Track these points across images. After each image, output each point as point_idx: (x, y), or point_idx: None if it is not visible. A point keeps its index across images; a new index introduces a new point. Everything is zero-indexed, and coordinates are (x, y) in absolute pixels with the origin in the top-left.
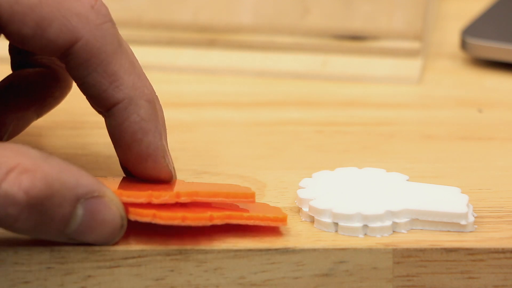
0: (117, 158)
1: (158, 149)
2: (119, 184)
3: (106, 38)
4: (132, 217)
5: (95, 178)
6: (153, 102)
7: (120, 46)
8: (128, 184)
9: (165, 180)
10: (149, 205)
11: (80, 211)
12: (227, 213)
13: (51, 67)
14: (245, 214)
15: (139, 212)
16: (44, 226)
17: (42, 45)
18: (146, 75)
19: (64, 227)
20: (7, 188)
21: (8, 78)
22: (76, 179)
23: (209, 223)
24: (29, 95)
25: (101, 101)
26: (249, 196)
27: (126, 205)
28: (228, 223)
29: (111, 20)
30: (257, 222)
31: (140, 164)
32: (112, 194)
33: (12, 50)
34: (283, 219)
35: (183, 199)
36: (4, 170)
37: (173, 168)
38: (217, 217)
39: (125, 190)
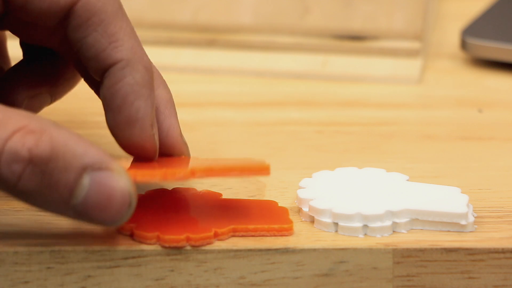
0: (117, 159)
1: (147, 115)
2: (132, 165)
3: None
4: (137, 239)
5: (106, 152)
6: (151, 71)
7: (121, 9)
8: (140, 164)
9: (149, 150)
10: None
11: (86, 181)
12: (232, 226)
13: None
14: (251, 226)
15: (143, 235)
16: (48, 190)
17: (44, 7)
18: None
19: (69, 196)
20: (11, 145)
21: (21, 60)
22: (84, 148)
23: (214, 241)
24: (41, 74)
25: (98, 62)
26: (264, 169)
27: (130, 225)
28: (234, 236)
29: None
30: (263, 234)
31: (127, 129)
32: (122, 170)
33: (23, 44)
34: (289, 229)
35: (198, 175)
36: (11, 130)
37: (185, 142)
38: (222, 233)
39: (139, 169)
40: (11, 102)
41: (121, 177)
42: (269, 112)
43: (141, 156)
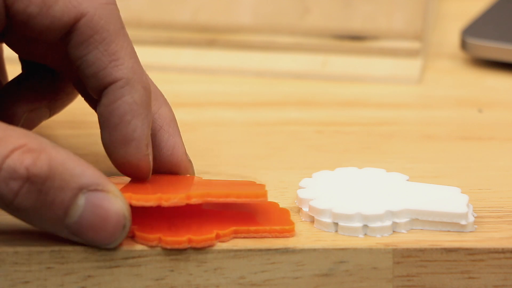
0: None
1: (143, 135)
2: (128, 186)
3: (110, 17)
4: (139, 241)
5: (103, 174)
6: (149, 91)
7: (123, 29)
8: (136, 186)
9: (143, 170)
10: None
11: (81, 201)
12: (234, 228)
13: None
14: (252, 228)
15: (145, 236)
16: (44, 208)
17: (47, 23)
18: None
19: (64, 215)
20: (10, 163)
21: (21, 74)
22: (82, 169)
23: (216, 243)
24: (40, 88)
25: (98, 80)
26: (261, 195)
27: (132, 225)
28: (235, 237)
29: (115, 3)
30: (264, 235)
31: (122, 148)
32: (118, 192)
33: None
34: (291, 230)
35: (194, 201)
36: (10, 148)
37: (190, 161)
38: (224, 235)
39: (134, 194)
40: (10, 115)
41: (116, 199)
42: (269, 112)
43: (134, 176)
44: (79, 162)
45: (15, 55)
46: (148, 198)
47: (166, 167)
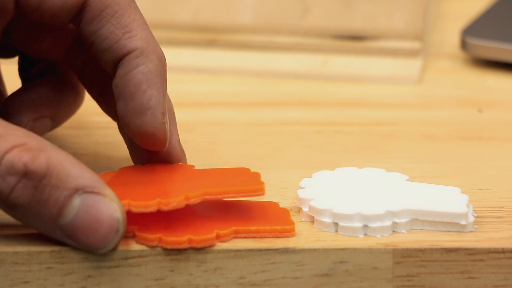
0: (117, 159)
1: (159, 104)
2: (125, 190)
3: None
4: (139, 241)
5: (100, 178)
6: (164, 61)
7: (133, 1)
8: (133, 190)
9: (160, 139)
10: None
11: (76, 201)
12: (234, 228)
13: (62, 74)
14: (252, 228)
15: (145, 236)
16: (39, 206)
17: (59, 4)
18: None
19: (58, 215)
20: (9, 158)
21: (25, 85)
22: (79, 171)
23: (216, 243)
24: (44, 98)
25: (112, 53)
26: (258, 190)
27: (132, 225)
28: (236, 237)
29: None
30: (265, 235)
31: (139, 117)
32: (114, 197)
33: (22, 72)
34: (291, 230)
35: (192, 201)
36: (10, 144)
37: (183, 150)
38: (224, 235)
39: (133, 200)
40: (15, 123)
41: (111, 203)
42: (269, 112)
43: (151, 145)
44: (78, 165)
45: (14, 60)
46: (147, 204)
47: (159, 155)
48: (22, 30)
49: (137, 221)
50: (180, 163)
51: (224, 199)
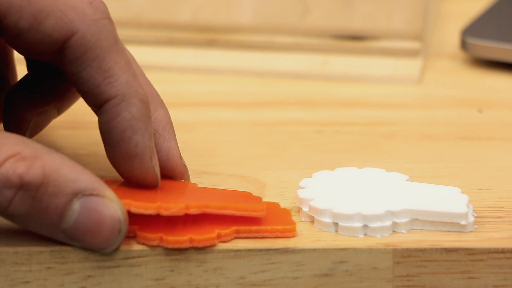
0: None
1: (146, 149)
2: (127, 190)
3: (102, 34)
4: (140, 241)
5: (99, 179)
6: (147, 103)
7: (116, 43)
8: (135, 191)
9: (150, 182)
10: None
11: (76, 206)
12: (235, 228)
13: None
14: (253, 228)
15: (146, 236)
16: (38, 214)
17: (37, 39)
18: (146, 75)
19: (59, 221)
20: (3, 172)
21: (27, 75)
22: (76, 174)
23: (217, 242)
24: (48, 90)
25: (94, 97)
26: (259, 210)
27: (133, 225)
28: (237, 237)
29: (108, 18)
30: (266, 235)
31: (127, 163)
32: (114, 197)
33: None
34: (292, 230)
35: (192, 211)
36: (4, 156)
37: (185, 165)
38: (225, 235)
39: (134, 201)
40: (19, 121)
41: (112, 203)
42: (269, 112)
43: (143, 185)
44: (74, 168)
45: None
46: (147, 206)
47: (161, 171)
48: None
49: (137, 221)
50: (184, 181)
51: (223, 213)
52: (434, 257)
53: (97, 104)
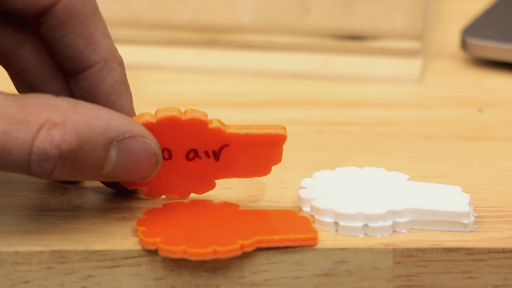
0: None
1: (130, 111)
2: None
3: (87, 1)
4: (163, 253)
5: (127, 118)
6: (124, 66)
7: (97, 9)
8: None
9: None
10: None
11: (113, 153)
12: (257, 238)
13: None
14: (275, 237)
15: (170, 249)
16: (80, 172)
17: (25, 3)
18: (146, 75)
19: (100, 170)
20: (39, 145)
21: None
22: (106, 123)
23: (240, 253)
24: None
25: (76, 63)
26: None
27: (155, 239)
28: (259, 247)
29: None
30: (288, 244)
31: None
32: (145, 131)
33: None
34: (314, 238)
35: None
36: (34, 128)
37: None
38: (248, 245)
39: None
40: None
41: (144, 140)
42: (269, 112)
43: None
44: (103, 116)
45: None
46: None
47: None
48: None
49: (159, 234)
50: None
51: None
52: (434, 257)
53: (78, 70)
